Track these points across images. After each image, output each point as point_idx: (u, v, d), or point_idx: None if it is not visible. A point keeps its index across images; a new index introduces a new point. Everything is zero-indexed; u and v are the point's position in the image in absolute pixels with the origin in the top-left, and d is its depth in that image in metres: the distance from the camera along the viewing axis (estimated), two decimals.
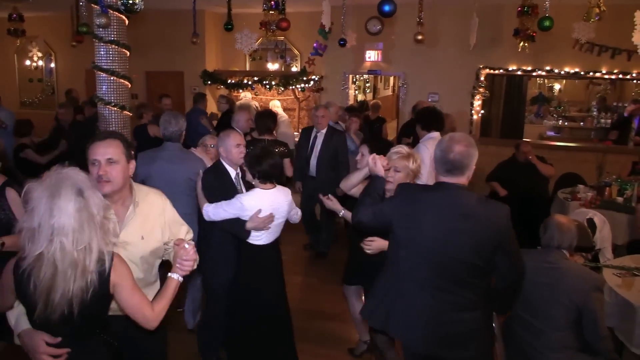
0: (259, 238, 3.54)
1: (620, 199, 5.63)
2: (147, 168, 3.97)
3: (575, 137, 10.31)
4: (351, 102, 10.03)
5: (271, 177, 3.50)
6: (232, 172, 3.78)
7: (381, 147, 3.80)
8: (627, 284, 3.60)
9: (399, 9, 5.42)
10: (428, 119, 4.94)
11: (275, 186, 3.55)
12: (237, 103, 9.20)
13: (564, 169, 7.27)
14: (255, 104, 9.50)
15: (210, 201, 3.59)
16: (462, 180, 2.51)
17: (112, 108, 5.58)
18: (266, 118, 5.68)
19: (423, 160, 3.77)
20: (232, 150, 3.71)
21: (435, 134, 4.80)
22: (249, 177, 3.57)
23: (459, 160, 2.47)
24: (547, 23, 5.63)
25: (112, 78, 5.54)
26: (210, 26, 10.15)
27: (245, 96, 9.85)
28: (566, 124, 10.80)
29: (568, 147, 9.01)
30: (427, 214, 2.53)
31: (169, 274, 2.29)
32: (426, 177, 4.30)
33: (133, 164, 2.51)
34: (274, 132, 6.06)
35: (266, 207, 3.45)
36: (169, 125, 4.10)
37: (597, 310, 2.88)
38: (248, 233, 3.51)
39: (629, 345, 3.36)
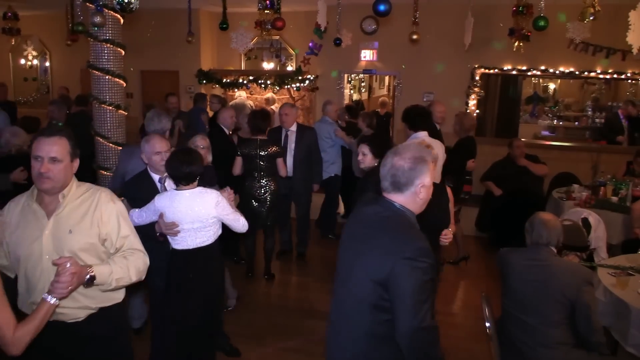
0: (176, 242, 3.37)
1: (614, 199, 5.64)
2: (127, 162, 4.12)
3: (570, 137, 10.32)
4: (347, 101, 10.02)
5: (177, 179, 3.30)
6: (156, 177, 3.66)
7: (381, 143, 3.76)
8: (622, 283, 3.61)
9: (394, 8, 5.40)
10: (414, 118, 4.61)
11: (192, 188, 3.34)
12: (232, 102, 9.19)
13: (559, 168, 7.29)
14: (250, 103, 9.49)
15: (133, 207, 3.47)
16: (401, 199, 2.13)
17: (107, 107, 5.56)
18: (257, 119, 5.41)
19: None
20: (151, 157, 3.58)
21: (422, 134, 4.53)
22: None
23: (395, 175, 2.10)
24: (542, 23, 5.62)
25: (107, 77, 5.52)
26: (205, 25, 10.11)
27: (240, 95, 9.84)
28: (561, 123, 10.81)
29: (563, 146, 9.05)
30: (345, 239, 2.34)
31: (43, 295, 2.09)
32: None
33: (77, 162, 2.44)
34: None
35: (179, 208, 3.27)
36: (152, 122, 4.24)
37: (589, 303, 2.91)
38: (161, 236, 3.38)
39: (624, 344, 3.37)
